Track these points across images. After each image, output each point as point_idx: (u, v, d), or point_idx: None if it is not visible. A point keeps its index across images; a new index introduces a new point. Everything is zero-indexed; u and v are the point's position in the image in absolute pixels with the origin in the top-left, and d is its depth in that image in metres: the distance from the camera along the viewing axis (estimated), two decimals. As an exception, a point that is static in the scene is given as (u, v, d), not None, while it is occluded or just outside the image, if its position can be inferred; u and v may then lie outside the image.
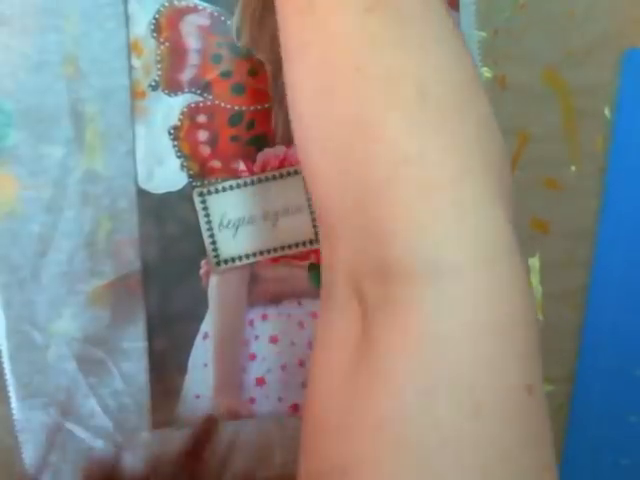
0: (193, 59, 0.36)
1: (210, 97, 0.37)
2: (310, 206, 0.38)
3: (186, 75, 0.36)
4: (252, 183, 0.38)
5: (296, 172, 0.38)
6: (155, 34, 0.36)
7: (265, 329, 0.39)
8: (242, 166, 0.37)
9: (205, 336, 0.39)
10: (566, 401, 0.43)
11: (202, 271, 0.38)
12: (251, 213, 0.38)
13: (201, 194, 0.37)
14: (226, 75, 0.37)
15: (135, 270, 0.38)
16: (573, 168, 0.41)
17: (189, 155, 0.37)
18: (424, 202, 0.24)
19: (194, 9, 0.36)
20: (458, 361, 0.24)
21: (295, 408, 0.40)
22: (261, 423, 0.40)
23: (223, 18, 0.36)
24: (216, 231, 0.38)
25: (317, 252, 0.39)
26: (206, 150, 0.37)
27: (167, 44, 0.36)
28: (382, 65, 0.25)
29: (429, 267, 0.24)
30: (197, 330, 0.38)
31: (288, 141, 0.38)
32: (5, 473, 0.39)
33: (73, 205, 0.37)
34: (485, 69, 0.39)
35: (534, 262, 0.42)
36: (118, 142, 0.36)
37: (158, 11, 0.36)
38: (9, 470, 0.38)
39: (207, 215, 0.37)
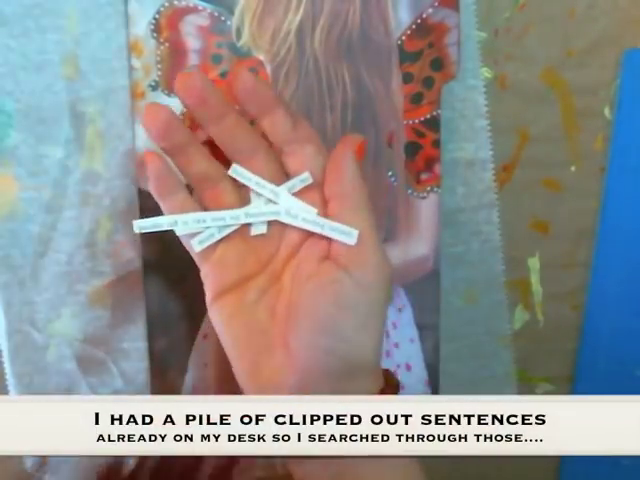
0: (193, 59, 0.36)
1: (210, 97, 0.37)
2: (310, 206, 0.38)
3: (186, 75, 0.36)
4: (252, 183, 0.38)
5: (296, 172, 0.38)
6: (155, 34, 0.36)
7: (265, 329, 0.39)
8: (242, 166, 0.37)
9: (205, 336, 0.39)
10: (566, 401, 0.43)
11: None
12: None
13: (201, 194, 0.37)
14: (226, 75, 0.37)
15: (135, 270, 0.38)
16: (573, 168, 0.41)
17: (189, 155, 0.37)
18: None
19: (194, 9, 0.36)
20: None
21: (295, 408, 0.40)
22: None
23: (223, 18, 0.36)
24: (216, 231, 0.38)
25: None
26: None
27: (167, 44, 0.36)
28: None
29: None
30: (197, 330, 0.39)
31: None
32: (5, 473, 0.39)
33: (73, 205, 0.37)
34: (485, 69, 0.39)
35: (534, 262, 0.42)
36: (118, 142, 0.37)
37: (158, 11, 0.36)
38: (9, 470, 0.38)
39: (207, 215, 0.37)
